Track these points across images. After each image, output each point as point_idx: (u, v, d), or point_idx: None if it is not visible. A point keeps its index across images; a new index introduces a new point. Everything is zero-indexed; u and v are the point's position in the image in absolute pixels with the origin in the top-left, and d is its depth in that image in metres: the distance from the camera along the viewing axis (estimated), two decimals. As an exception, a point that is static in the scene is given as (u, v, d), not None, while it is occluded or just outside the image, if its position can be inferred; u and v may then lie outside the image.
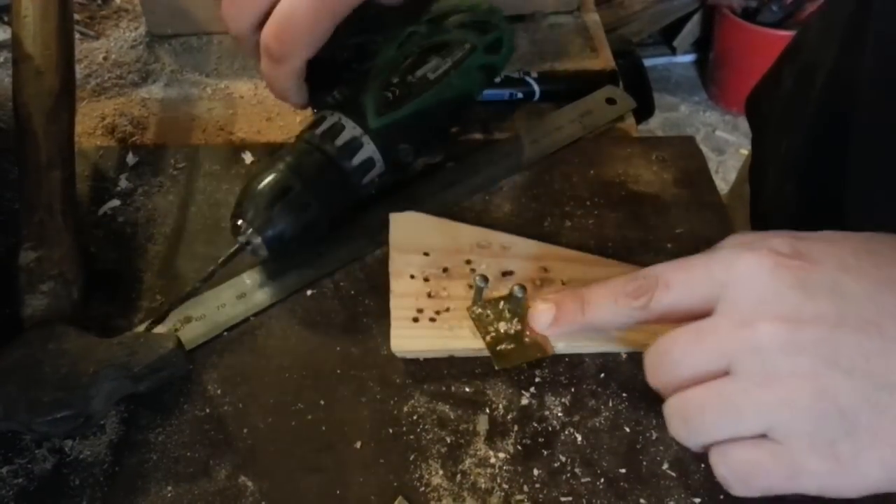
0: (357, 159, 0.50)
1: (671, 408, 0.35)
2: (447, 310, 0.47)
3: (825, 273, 0.31)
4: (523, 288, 0.45)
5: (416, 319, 0.47)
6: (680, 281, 0.35)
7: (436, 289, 0.48)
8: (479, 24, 0.56)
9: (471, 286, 0.48)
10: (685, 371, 0.34)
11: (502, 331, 0.46)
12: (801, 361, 0.30)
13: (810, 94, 0.56)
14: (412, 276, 0.49)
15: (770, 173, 0.63)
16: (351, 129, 0.50)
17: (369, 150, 0.50)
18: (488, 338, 0.45)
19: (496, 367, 0.45)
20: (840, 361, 0.29)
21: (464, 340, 0.46)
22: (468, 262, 0.50)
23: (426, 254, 0.50)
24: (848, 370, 0.29)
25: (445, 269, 0.49)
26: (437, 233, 0.51)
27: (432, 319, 0.47)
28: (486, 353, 0.45)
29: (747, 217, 0.67)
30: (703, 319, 0.33)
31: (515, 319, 0.46)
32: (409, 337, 0.46)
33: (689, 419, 0.34)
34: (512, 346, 0.45)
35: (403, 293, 0.48)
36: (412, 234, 0.51)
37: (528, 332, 0.45)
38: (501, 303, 0.46)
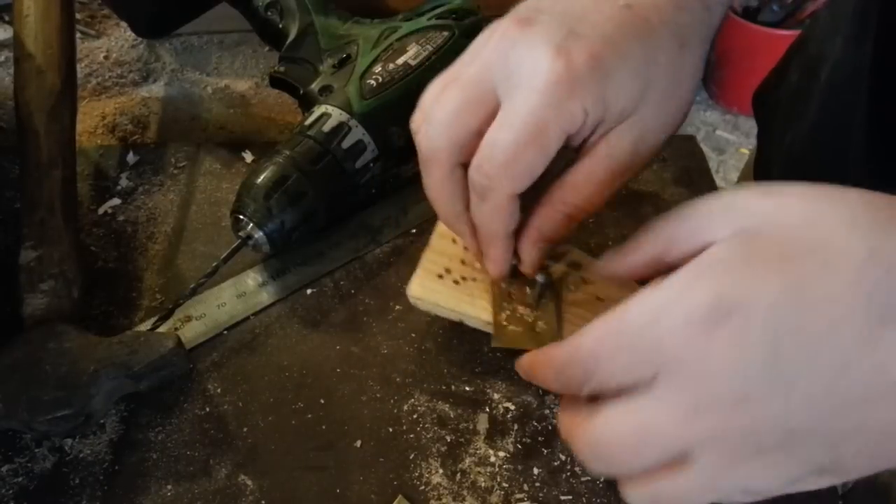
0: (346, 143, 0.51)
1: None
2: (474, 279, 0.47)
3: (761, 328, 0.28)
4: (547, 276, 0.44)
5: (441, 276, 0.47)
6: (609, 373, 0.31)
7: (471, 259, 0.48)
8: (455, 12, 0.58)
9: None
10: (639, 469, 0.31)
11: (519, 313, 0.45)
12: (764, 448, 0.29)
13: (814, 87, 0.56)
14: (454, 241, 0.49)
15: (774, 167, 0.63)
16: (337, 116, 0.51)
17: (358, 133, 0.51)
18: (502, 315, 0.45)
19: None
20: (796, 442, 0.29)
21: (478, 310, 0.45)
22: None
23: None
24: (803, 446, 0.29)
25: None
26: None
27: (456, 282, 0.47)
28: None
29: None
30: (643, 401, 0.30)
31: (535, 308, 0.45)
32: (428, 288, 0.46)
33: None
34: (520, 329, 0.44)
35: (440, 251, 0.48)
36: None
37: (541, 323, 0.45)
38: (528, 289, 0.46)
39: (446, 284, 0.47)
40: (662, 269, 0.32)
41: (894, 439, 0.29)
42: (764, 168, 0.66)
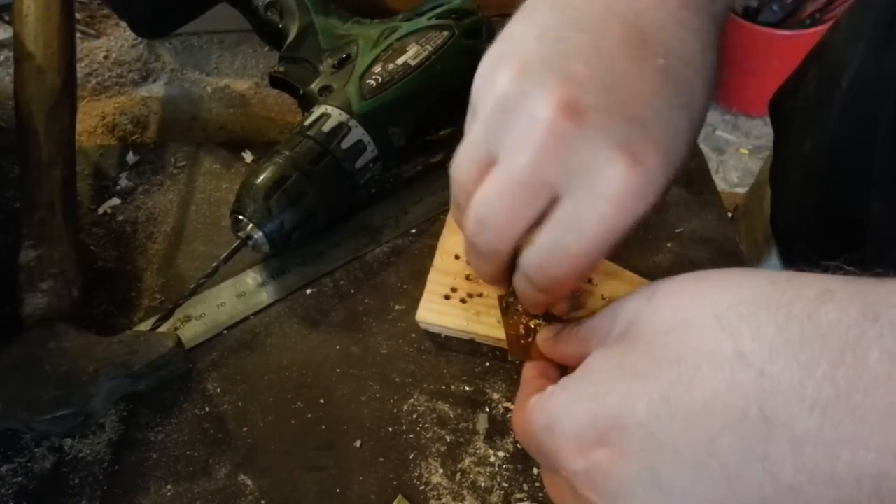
0: (346, 143, 0.51)
1: None
2: (480, 295, 0.48)
3: (638, 444, 0.28)
4: None
5: (447, 297, 0.48)
6: (539, 459, 0.35)
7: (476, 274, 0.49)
8: (455, 12, 0.58)
9: None
10: None
11: (532, 325, 0.45)
12: None
13: (835, 95, 0.55)
14: (457, 257, 0.50)
15: (792, 175, 0.63)
16: (337, 116, 0.51)
17: (357, 133, 0.51)
18: (511, 329, 0.45)
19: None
20: None
21: (487, 327, 0.47)
22: None
23: None
24: None
25: None
26: None
27: (463, 301, 0.48)
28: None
29: (766, 220, 0.66)
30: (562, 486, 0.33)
31: (542, 319, 0.46)
32: (435, 311, 0.48)
33: None
34: (531, 340, 0.45)
35: (444, 270, 0.49)
36: None
37: None
38: None
39: (453, 304, 0.48)
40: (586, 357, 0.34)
41: None
42: (781, 176, 0.65)
